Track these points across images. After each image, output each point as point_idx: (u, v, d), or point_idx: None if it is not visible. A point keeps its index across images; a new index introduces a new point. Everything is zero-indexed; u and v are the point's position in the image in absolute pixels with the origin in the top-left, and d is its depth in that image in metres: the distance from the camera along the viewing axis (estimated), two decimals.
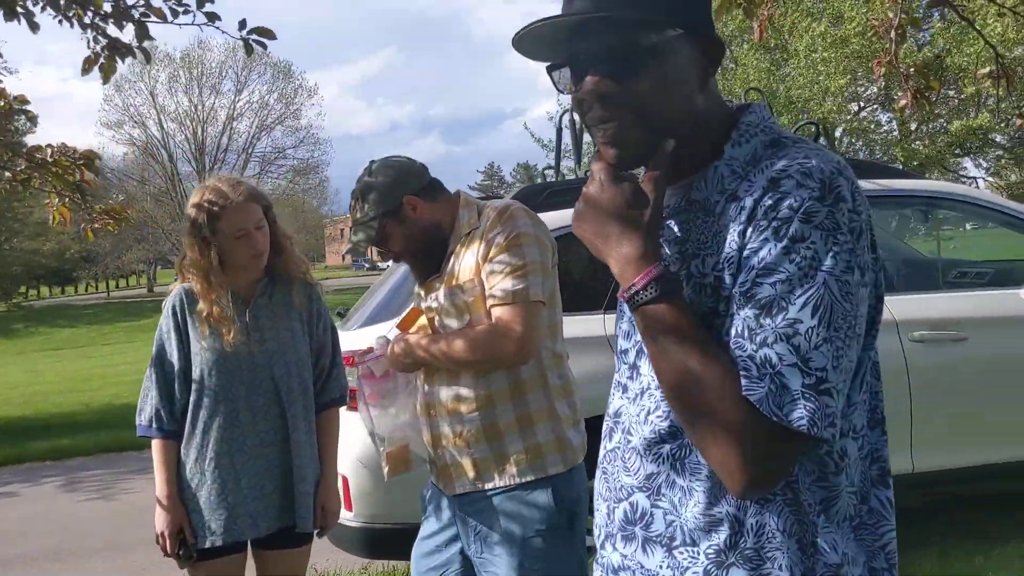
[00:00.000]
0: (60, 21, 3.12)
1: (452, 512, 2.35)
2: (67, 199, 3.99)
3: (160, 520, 2.55)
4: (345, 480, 3.61)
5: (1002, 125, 20.74)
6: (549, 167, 5.31)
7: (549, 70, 1.23)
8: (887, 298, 4.06)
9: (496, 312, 2.19)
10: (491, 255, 2.21)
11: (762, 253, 1.06)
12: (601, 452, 1.33)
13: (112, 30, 3.37)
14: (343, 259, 70.95)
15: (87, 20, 3.16)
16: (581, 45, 1.16)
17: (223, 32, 3.00)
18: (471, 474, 2.26)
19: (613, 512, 1.26)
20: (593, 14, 1.13)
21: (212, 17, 2.89)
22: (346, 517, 3.65)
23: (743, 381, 1.04)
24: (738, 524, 1.12)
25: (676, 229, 1.22)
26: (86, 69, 3.37)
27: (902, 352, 3.90)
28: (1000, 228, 4.57)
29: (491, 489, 2.24)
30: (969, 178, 25.15)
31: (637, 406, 1.25)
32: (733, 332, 1.07)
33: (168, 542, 2.54)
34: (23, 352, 27.39)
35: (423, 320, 2.39)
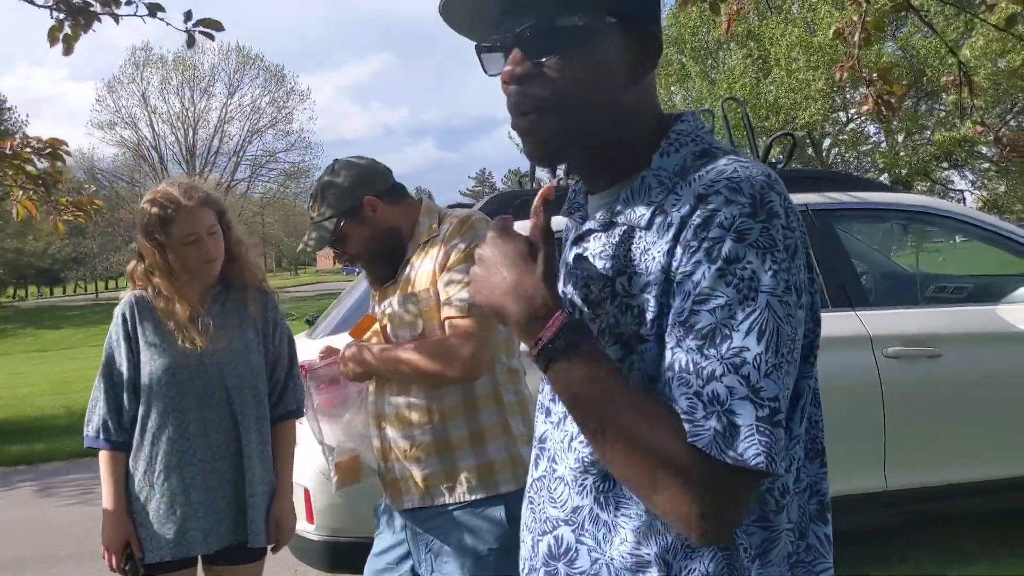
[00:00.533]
0: None
1: (403, 528, 2.30)
2: (30, 192, 3.89)
3: (106, 534, 2.49)
4: (307, 492, 3.55)
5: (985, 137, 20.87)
6: (524, 175, 5.26)
7: (478, 51, 1.17)
8: (862, 313, 4.02)
9: (449, 324, 2.13)
10: (449, 264, 2.16)
11: (696, 277, 0.99)
12: (528, 480, 1.28)
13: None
14: (334, 263, 70.81)
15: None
16: (510, 24, 1.11)
17: (167, 24, 2.93)
18: (421, 489, 2.21)
19: (537, 545, 1.20)
20: None
21: (154, 9, 2.82)
22: (308, 530, 3.59)
23: (686, 426, 0.96)
24: (666, 567, 1.06)
25: (602, 243, 1.15)
26: (52, 39, 3.29)
27: (876, 368, 3.85)
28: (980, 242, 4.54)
29: (440, 505, 2.19)
30: (956, 191, 25.25)
31: (560, 431, 1.19)
32: (676, 367, 0.99)
33: (114, 557, 2.47)
34: (8, 353, 27.22)
35: (377, 327, 2.34)
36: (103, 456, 2.52)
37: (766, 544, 1.07)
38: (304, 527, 3.55)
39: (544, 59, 1.09)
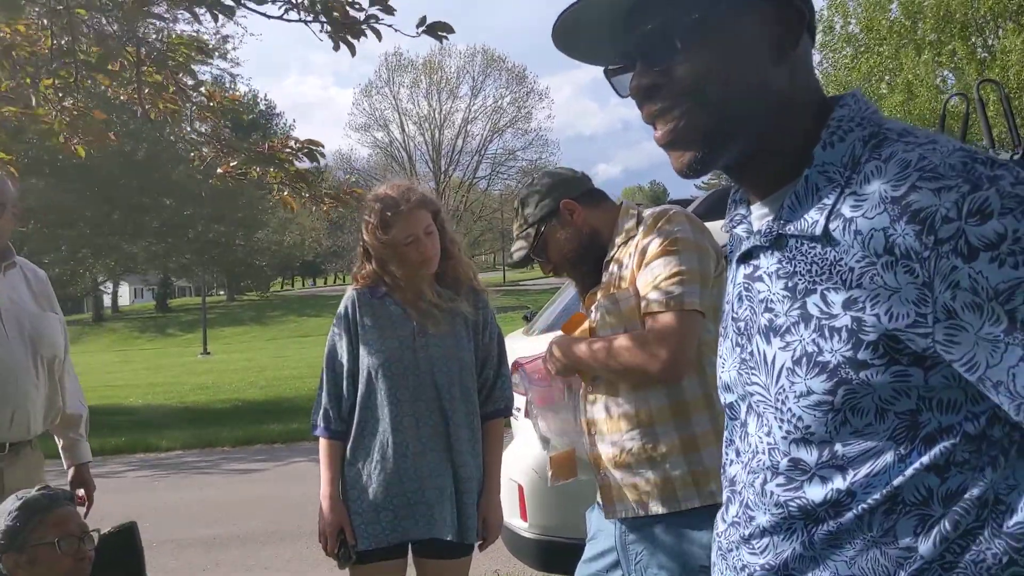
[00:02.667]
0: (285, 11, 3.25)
1: (615, 537, 2.22)
2: (288, 188, 4.20)
3: (322, 519, 2.59)
4: (520, 489, 3.56)
5: None
6: None
7: (607, 75, 1.08)
8: None
9: (649, 321, 2.04)
10: (646, 260, 2.07)
11: (968, 285, 0.83)
12: (719, 525, 1.15)
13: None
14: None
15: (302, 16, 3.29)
16: (628, 40, 1.01)
17: (395, 31, 3.02)
18: (632, 497, 2.13)
19: None
20: None
21: (389, 9, 2.91)
22: (521, 527, 3.59)
23: None
24: None
25: (776, 259, 1.01)
26: (336, 47, 3.52)
27: None
28: None
29: (654, 515, 2.09)
30: None
31: (751, 474, 1.06)
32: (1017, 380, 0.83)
33: (328, 542, 2.58)
34: (275, 338, 29.94)
35: (586, 325, 2.29)
36: (322, 444, 2.64)
37: None
38: (517, 524, 3.57)
39: (667, 63, 0.98)
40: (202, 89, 4.14)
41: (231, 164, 3.90)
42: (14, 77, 3.50)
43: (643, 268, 2.08)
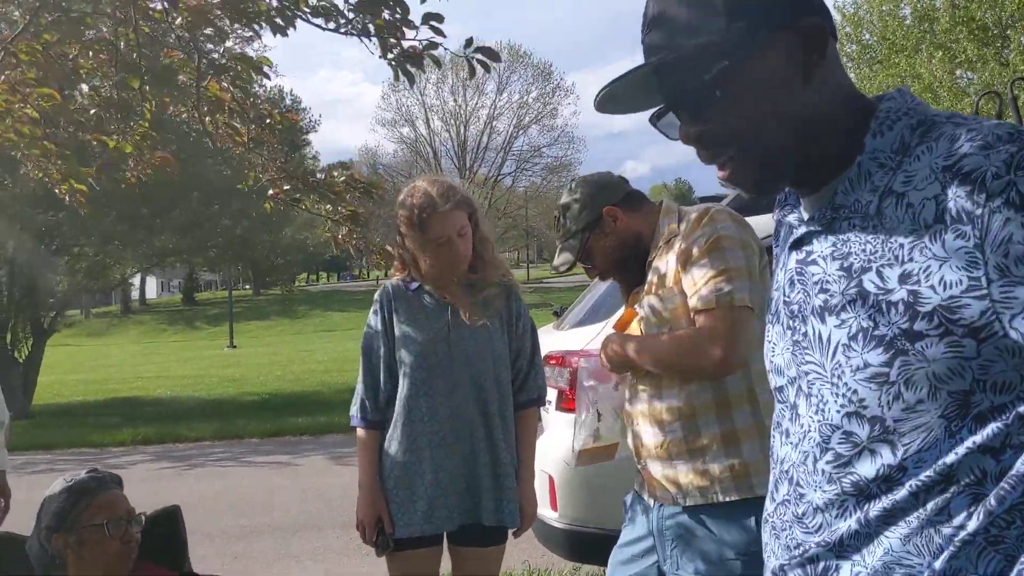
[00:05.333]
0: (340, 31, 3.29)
1: (651, 523, 2.25)
2: (343, 229, 4.18)
3: (360, 508, 2.63)
4: (551, 479, 3.59)
5: None
6: None
7: (652, 123, 1.13)
8: None
9: (699, 320, 2.06)
10: (692, 259, 2.09)
11: (1021, 236, 0.86)
12: (768, 506, 1.18)
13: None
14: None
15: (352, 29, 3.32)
16: (665, 91, 1.06)
17: (446, 49, 3.07)
18: (672, 488, 2.15)
19: (786, 572, 1.11)
20: (652, 63, 1.03)
21: (435, 18, 2.96)
22: (551, 517, 3.62)
23: None
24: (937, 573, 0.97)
25: (830, 243, 1.04)
26: (396, 77, 3.56)
27: None
28: None
29: (692, 506, 2.12)
30: None
31: (800, 452, 1.09)
32: None
33: (367, 530, 2.62)
34: (300, 332, 30.14)
35: (637, 323, 2.33)
36: (360, 434, 2.68)
37: None
38: (548, 514, 3.60)
39: (709, 113, 1.03)
40: (261, 105, 4.16)
41: (284, 188, 3.93)
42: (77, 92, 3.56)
43: (689, 267, 2.10)
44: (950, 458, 0.94)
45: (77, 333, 35.61)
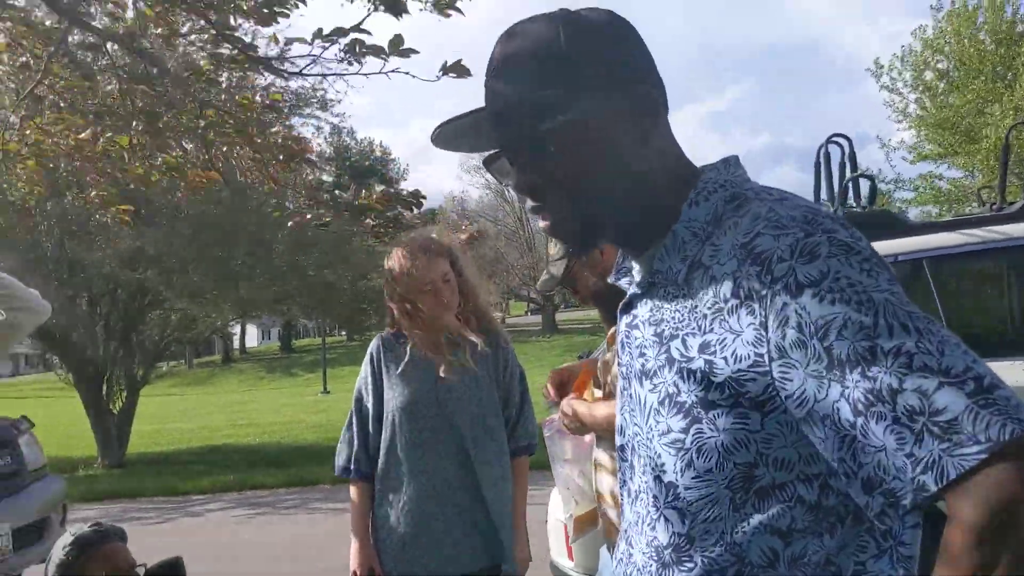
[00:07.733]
0: None
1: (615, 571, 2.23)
2: (389, 234, 4.35)
3: (353, 559, 2.68)
4: (566, 528, 3.57)
5: None
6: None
7: (485, 165, 1.15)
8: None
9: None
10: None
11: (794, 322, 0.87)
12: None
13: None
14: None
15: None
16: (499, 138, 1.08)
17: (413, 76, 3.16)
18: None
19: None
20: (483, 109, 1.06)
21: (405, 53, 3.06)
22: (567, 566, 3.61)
23: (920, 476, 0.81)
24: None
25: (649, 308, 1.07)
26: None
27: None
28: None
29: None
30: None
31: (633, 512, 1.10)
32: (846, 411, 0.85)
33: None
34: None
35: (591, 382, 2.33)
36: (353, 486, 2.74)
37: None
38: (564, 563, 3.58)
39: (540, 166, 1.05)
40: (278, 140, 4.37)
41: (307, 217, 4.09)
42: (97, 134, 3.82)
43: None
44: (739, 536, 0.95)
45: (180, 383, 37.00)
